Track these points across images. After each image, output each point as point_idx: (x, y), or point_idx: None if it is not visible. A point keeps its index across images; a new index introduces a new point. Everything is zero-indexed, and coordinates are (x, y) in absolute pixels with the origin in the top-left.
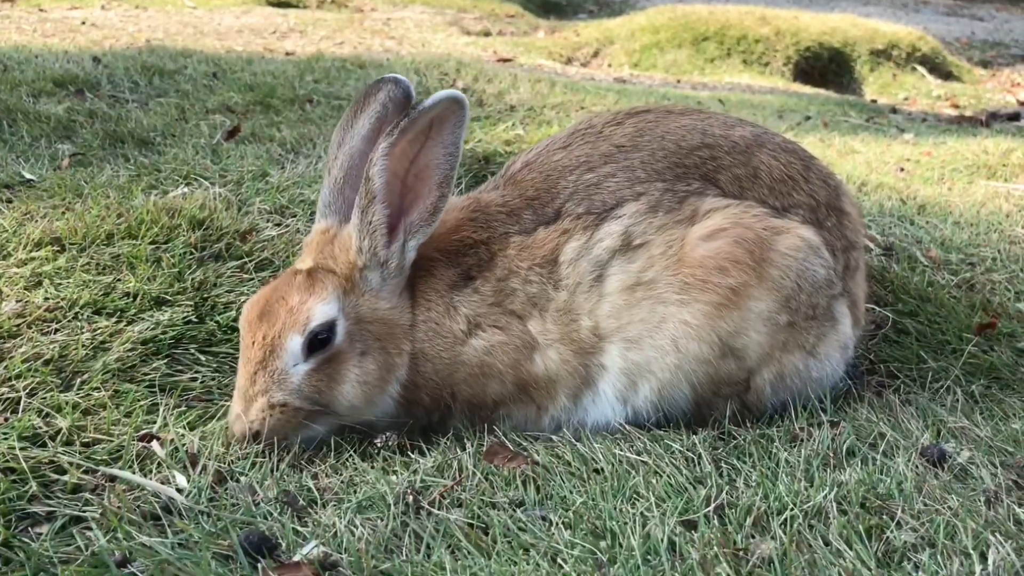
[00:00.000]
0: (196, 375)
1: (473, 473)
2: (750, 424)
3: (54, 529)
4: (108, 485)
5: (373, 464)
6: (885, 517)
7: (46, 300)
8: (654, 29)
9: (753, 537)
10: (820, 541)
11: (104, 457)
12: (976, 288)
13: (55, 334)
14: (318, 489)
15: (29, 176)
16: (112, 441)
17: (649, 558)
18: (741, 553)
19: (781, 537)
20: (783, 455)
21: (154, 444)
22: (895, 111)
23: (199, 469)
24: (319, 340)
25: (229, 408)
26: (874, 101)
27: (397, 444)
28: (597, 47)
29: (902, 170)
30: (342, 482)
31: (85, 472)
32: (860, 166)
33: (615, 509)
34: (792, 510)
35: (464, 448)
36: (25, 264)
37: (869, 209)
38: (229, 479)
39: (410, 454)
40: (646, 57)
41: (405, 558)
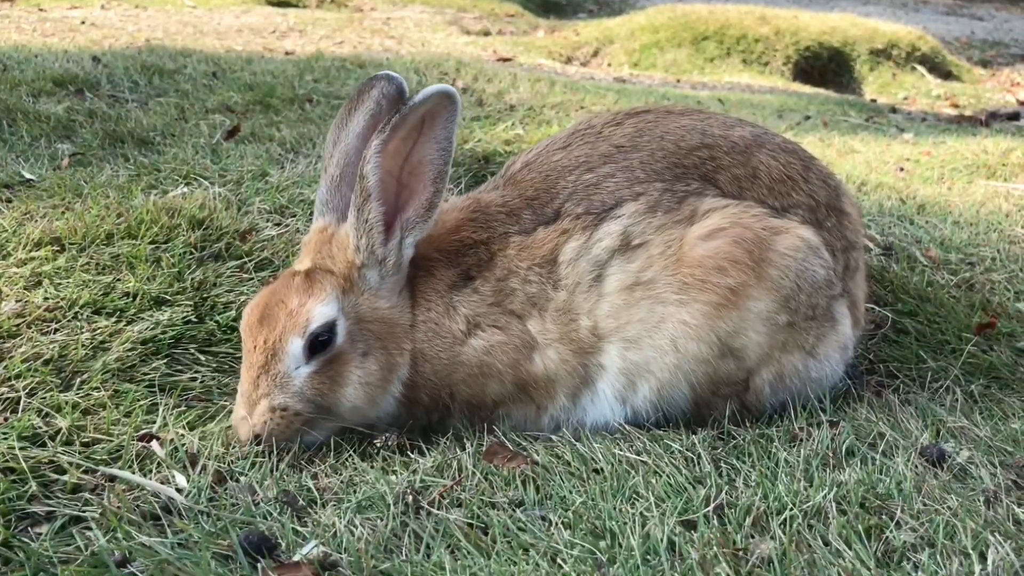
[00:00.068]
0: (196, 375)
1: (473, 473)
2: (749, 424)
3: (54, 529)
4: (108, 485)
5: (373, 464)
6: (884, 517)
7: (46, 300)
8: (654, 28)
9: (752, 537)
10: (819, 541)
11: (104, 457)
12: (975, 288)
13: (55, 334)
14: (318, 489)
15: (29, 176)
16: (112, 441)
17: (649, 558)
18: (741, 553)
19: (780, 537)
20: (782, 455)
21: (154, 444)
22: (895, 111)
23: (199, 469)
24: (320, 342)
25: (230, 412)
26: (874, 101)
27: (397, 444)
28: (597, 47)
29: (902, 170)
30: (342, 482)
31: (85, 472)
32: (860, 166)
33: (615, 509)
34: (791, 510)
35: (464, 448)
36: (25, 264)
37: (869, 209)
38: (229, 479)
39: (410, 454)
40: (646, 57)
41: (405, 558)
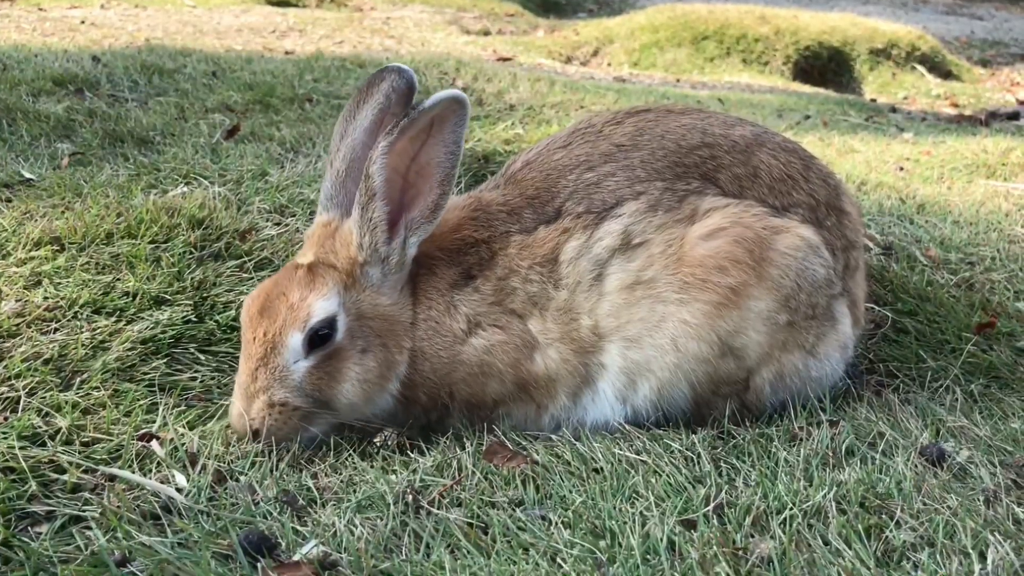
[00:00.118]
0: (196, 374)
1: (472, 472)
2: (749, 423)
3: (54, 528)
4: (108, 484)
5: (372, 463)
6: (884, 516)
7: (45, 299)
8: (654, 28)
9: (752, 536)
10: (819, 540)
11: (104, 456)
12: (975, 287)
13: (55, 333)
14: (317, 488)
15: (28, 175)
16: (112, 440)
17: (648, 557)
18: (740, 552)
19: (780, 536)
20: (782, 454)
21: (154, 443)
22: (894, 110)
23: (199, 468)
24: (320, 336)
25: (229, 405)
26: (873, 100)
27: (396, 443)
28: (597, 46)
29: (901, 169)
30: (341, 481)
31: (85, 471)
32: (859, 165)
33: (614, 508)
34: (791, 509)
35: (464, 447)
36: (25, 263)
37: (868, 208)
38: (229, 478)
39: (409, 453)
40: (646, 56)
41: (405, 557)
